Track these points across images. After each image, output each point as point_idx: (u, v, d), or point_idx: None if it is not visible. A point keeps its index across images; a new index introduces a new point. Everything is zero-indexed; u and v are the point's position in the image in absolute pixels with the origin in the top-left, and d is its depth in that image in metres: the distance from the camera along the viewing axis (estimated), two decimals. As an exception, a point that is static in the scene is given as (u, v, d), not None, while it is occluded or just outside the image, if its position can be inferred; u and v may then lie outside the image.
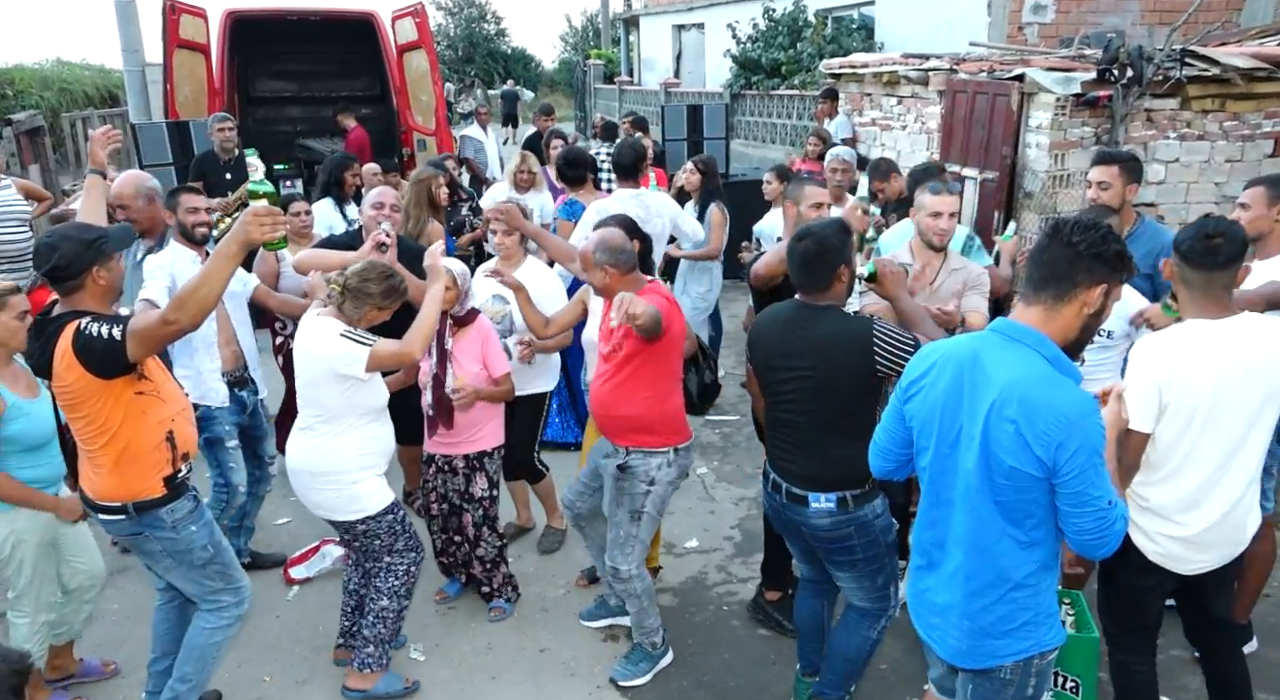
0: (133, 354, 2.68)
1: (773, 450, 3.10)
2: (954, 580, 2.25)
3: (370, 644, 3.43)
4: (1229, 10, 9.74)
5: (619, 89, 21.93)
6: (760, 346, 3.08)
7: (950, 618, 2.28)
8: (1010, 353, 2.12)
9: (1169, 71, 6.35)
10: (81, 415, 2.78)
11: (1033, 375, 2.07)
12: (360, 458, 3.28)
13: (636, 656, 3.60)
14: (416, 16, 9.40)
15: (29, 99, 13.81)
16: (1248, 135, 6.61)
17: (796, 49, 13.53)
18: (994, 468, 2.12)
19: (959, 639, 2.27)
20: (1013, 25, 10.06)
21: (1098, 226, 2.09)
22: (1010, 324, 2.17)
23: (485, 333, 3.79)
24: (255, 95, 10.29)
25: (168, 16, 8.60)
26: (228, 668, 3.66)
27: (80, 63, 19.22)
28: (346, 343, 3.15)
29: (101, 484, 2.87)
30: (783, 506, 3.03)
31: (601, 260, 3.32)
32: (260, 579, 4.27)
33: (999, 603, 2.20)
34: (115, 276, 2.86)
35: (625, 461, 3.40)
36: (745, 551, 4.51)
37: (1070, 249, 2.06)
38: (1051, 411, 2.02)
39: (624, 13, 25.42)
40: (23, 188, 5.98)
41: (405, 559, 3.43)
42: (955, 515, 2.23)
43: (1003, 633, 2.22)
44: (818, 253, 2.87)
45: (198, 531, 2.99)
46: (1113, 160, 3.87)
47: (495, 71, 36.20)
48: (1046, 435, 2.02)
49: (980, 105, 7.11)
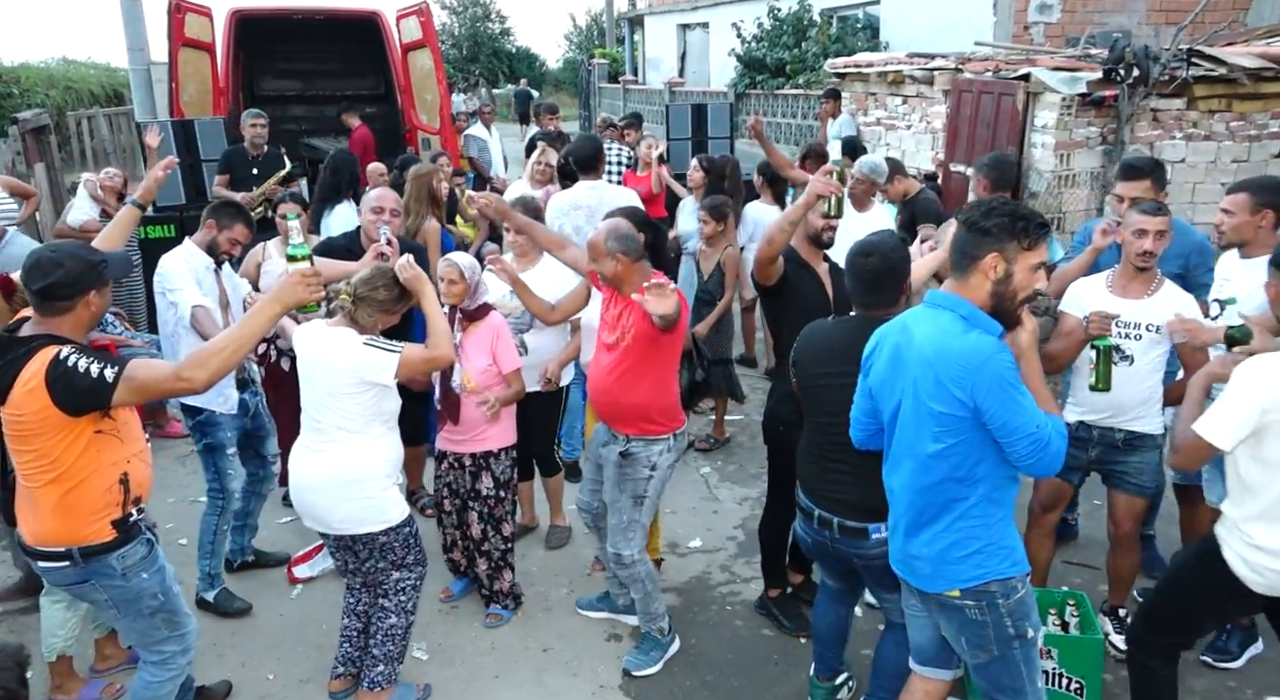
0: (119, 400, 2.52)
1: (817, 479, 2.99)
2: (911, 521, 2.55)
3: (380, 662, 3.36)
4: (1236, 10, 9.72)
5: (623, 88, 21.93)
6: (809, 365, 2.99)
7: (917, 552, 2.54)
8: (931, 316, 2.46)
9: (1175, 71, 6.33)
10: (30, 448, 2.57)
11: (946, 329, 2.39)
12: (386, 465, 3.26)
13: (647, 645, 3.62)
14: (421, 15, 9.40)
15: (35, 97, 13.88)
16: (1254, 135, 6.59)
17: (801, 48, 13.53)
18: (926, 415, 2.42)
19: (925, 568, 2.54)
20: (1018, 25, 10.05)
21: (983, 203, 2.42)
22: (934, 293, 2.53)
23: (496, 328, 3.75)
24: (260, 94, 10.30)
25: (173, 15, 8.62)
26: (231, 667, 3.66)
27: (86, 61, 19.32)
28: (374, 351, 3.11)
29: (41, 526, 2.65)
30: (833, 542, 2.94)
31: (614, 248, 3.32)
32: (264, 577, 4.29)
33: (946, 532, 2.48)
34: (104, 305, 2.69)
35: (627, 448, 3.44)
36: (748, 551, 4.50)
37: (962, 227, 2.41)
38: (960, 357, 2.33)
39: (629, 12, 25.43)
40: (9, 185, 5.92)
41: (414, 573, 3.39)
42: (904, 465, 2.54)
43: (956, 559, 2.47)
44: (886, 269, 2.84)
45: (149, 579, 2.78)
46: (1144, 174, 3.77)
47: (500, 71, 36.21)
48: (958, 378, 2.33)
49: (985, 105, 7.10)
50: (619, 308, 3.42)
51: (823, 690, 3.37)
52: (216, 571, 4.00)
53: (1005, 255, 2.34)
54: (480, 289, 3.76)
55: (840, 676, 3.39)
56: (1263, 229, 3.43)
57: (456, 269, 3.67)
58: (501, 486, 3.84)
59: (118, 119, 15.42)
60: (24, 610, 3.98)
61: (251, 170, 7.15)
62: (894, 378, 2.53)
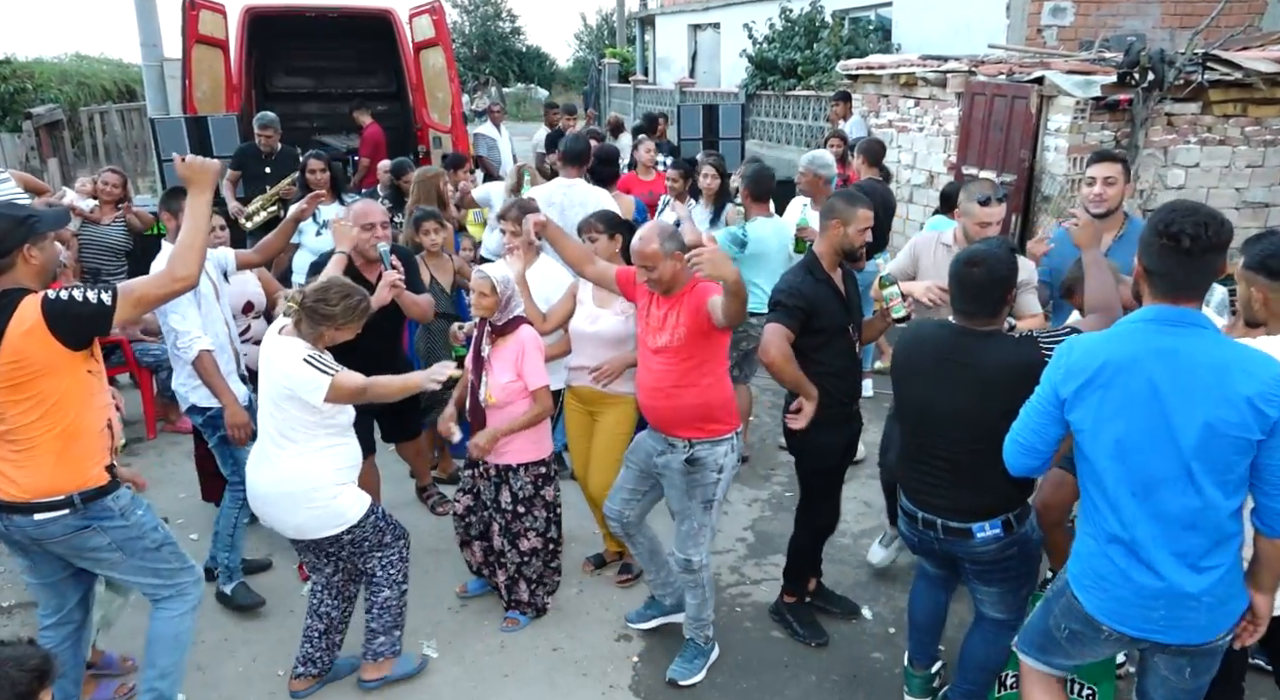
0: (122, 316, 2.67)
1: (916, 487, 2.97)
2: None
3: (379, 635, 3.41)
4: (1251, 14, 9.67)
5: (634, 88, 21.91)
6: (908, 373, 2.96)
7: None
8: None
9: (1190, 75, 6.31)
10: (29, 395, 2.62)
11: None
12: (336, 473, 3.20)
13: (691, 653, 3.60)
14: (434, 14, 9.41)
15: (48, 93, 13.91)
16: (1270, 140, 6.57)
17: (813, 50, 13.49)
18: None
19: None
20: (1032, 28, 10.01)
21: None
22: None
23: (524, 343, 3.63)
24: (272, 91, 10.33)
25: (187, 12, 8.64)
26: (242, 662, 3.68)
27: (99, 57, 19.38)
28: (309, 369, 3.04)
29: (41, 476, 2.69)
30: (939, 542, 2.93)
31: (671, 248, 3.25)
32: (273, 575, 4.30)
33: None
34: (48, 257, 2.75)
35: (693, 454, 3.38)
36: (759, 553, 4.50)
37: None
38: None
39: (640, 12, 25.40)
40: (23, 181, 5.98)
41: (395, 547, 3.37)
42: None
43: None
44: (991, 281, 2.77)
45: (145, 515, 2.89)
46: (1116, 158, 3.85)
47: (510, 69, 36.26)
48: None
49: (999, 108, 7.08)
50: (663, 309, 3.35)
51: (919, 680, 3.35)
52: (235, 564, 4.01)
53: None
54: (512, 303, 3.66)
55: (935, 665, 3.37)
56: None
57: (489, 282, 3.57)
58: (519, 502, 3.76)
59: (130, 115, 15.48)
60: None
61: (264, 169, 7.18)
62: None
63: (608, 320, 3.88)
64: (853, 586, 4.17)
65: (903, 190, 8.36)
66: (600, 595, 4.14)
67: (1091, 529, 2.40)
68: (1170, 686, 2.43)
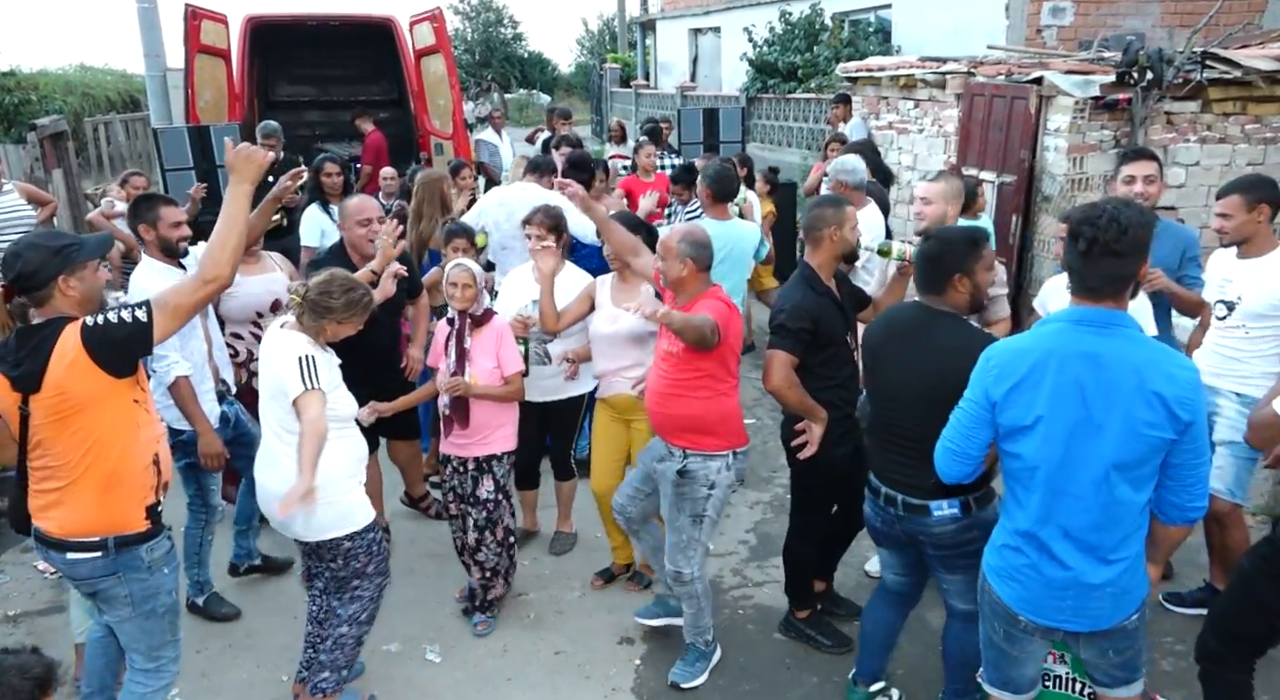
0: (161, 331, 2.55)
1: (883, 464, 3.01)
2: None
3: (326, 670, 3.26)
4: (1250, 13, 9.66)
5: (635, 93, 21.94)
6: (875, 350, 3.03)
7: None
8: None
9: (1189, 74, 6.30)
10: (75, 430, 2.55)
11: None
12: (347, 465, 3.18)
13: (692, 657, 3.61)
14: (434, 21, 9.45)
15: (53, 103, 13.98)
16: (1270, 138, 6.55)
17: (813, 52, 13.50)
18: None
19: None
20: (1031, 28, 10.01)
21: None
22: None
23: (500, 332, 3.82)
24: (275, 99, 10.38)
25: (189, 22, 8.70)
26: (246, 668, 3.69)
27: (103, 68, 19.45)
28: (296, 369, 3.01)
29: (80, 515, 2.62)
30: (898, 519, 2.95)
31: (684, 252, 3.30)
32: (278, 581, 4.32)
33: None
34: (88, 287, 2.64)
35: (685, 466, 3.39)
36: (760, 555, 4.51)
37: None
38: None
39: (641, 17, 25.43)
40: (26, 192, 5.96)
41: (373, 583, 3.29)
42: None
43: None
44: (937, 255, 2.88)
45: (168, 576, 2.80)
46: (1153, 156, 3.93)
47: (512, 75, 36.32)
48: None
49: (998, 108, 7.08)
50: None
51: (859, 695, 3.36)
52: (205, 578, 4.02)
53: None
54: (486, 295, 3.82)
55: (877, 685, 3.36)
56: (1261, 224, 3.54)
57: (469, 273, 3.72)
58: (500, 490, 3.87)
59: (134, 125, 15.56)
60: (43, 612, 4.03)
61: (267, 177, 7.18)
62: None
63: (628, 320, 3.88)
64: (855, 588, 4.18)
65: (903, 191, 8.37)
66: (602, 598, 4.15)
67: (1009, 522, 2.49)
68: (1101, 668, 2.55)
